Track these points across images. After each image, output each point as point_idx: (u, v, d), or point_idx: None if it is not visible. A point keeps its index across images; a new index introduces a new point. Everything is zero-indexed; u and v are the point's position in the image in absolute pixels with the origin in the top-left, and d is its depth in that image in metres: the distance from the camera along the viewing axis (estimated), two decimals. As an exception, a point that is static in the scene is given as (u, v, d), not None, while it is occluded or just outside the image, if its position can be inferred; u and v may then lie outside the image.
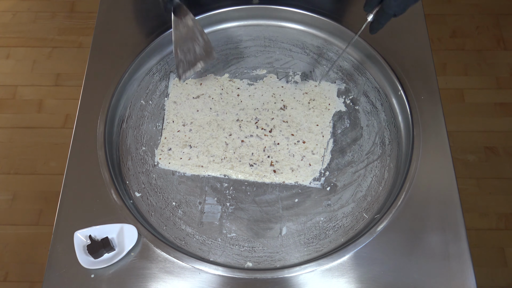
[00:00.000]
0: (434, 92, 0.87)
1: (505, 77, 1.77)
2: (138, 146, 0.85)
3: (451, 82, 1.76)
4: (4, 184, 1.61)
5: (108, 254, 0.73)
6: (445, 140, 0.82)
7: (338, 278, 0.72)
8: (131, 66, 0.90)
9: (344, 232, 0.77)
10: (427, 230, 0.75)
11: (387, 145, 0.84)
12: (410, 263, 0.73)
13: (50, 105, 1.75)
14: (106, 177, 0.79)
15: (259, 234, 0.77)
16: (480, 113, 1.70)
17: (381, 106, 0.88)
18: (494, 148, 1.63)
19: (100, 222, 0.75)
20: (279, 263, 0.75)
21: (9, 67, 1.83)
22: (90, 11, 1.96)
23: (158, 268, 0.73)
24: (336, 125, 0.87)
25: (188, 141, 0.85)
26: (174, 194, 0.81)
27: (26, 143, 1.68)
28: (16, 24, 1.93)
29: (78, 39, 1.90)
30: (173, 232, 0.77)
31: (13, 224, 1.54)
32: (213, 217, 0.78)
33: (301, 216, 0.78)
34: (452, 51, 1.83)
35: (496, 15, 1.90)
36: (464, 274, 0.71)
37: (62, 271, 0.73)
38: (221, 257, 0.75)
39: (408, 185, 0.78)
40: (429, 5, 1.89)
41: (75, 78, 1.80)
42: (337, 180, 0.81)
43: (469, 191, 1.56)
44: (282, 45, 0.95)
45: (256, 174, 0.82)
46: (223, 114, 0.88)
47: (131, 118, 0.88)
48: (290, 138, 0.85)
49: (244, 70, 0.93)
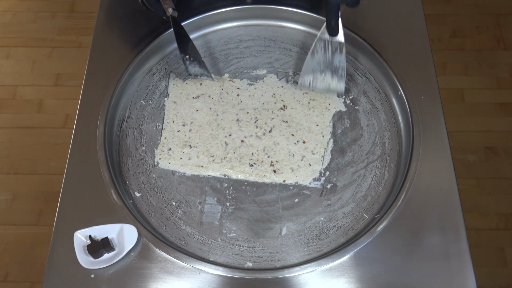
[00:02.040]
0: (434, 92, 0.87)
1: (505, 77, 1.77)
2: (138, 146, 0.85)
3: (451, 82, 1.76)
4: (4, 184, 1.61)
5: (108, 254, 0.73)
6: (445, 140, 0.82)
7: (338, 278, 0.72)
8: (131, 66, 0.90)
9: (344, 232, 0.77)
10: (427, 230, 0.75)
11: (387, 145, 0.84)
12: (410, 263, 0.73)
13: (50, 105, 1.75)
14: (106, 177, 0.79)
15: (259, 234, 0.77)
16: (480, 113, 1.70)
17: (381, 106, 0.88)
18: (494, 148, 1.63)
19: (100, 222, 0.75)
20: (279, 263, 0.75)
21: (9, 67, 1.83)
22: (90, 11, 1.96)
23: (158, 268, 0.73)
24: (336, 125, 0.87)
25: (188, 141, 0.85)
26: (174, 194, 0.81)
27: (26, 143, 1.68)
28: (16, 24, 1.93)
29: (78, 39, 1.90)
30: (173, 232, 0.77)
31: (13, 224, 1.54)
32: (213, 217, 0.78)
33: (301, 216, 0.78)
34: (452, 51, 1.83)
35: (496, 15, 1.90)
36: (464, 274, 0.71)
37: (62, 271, 0.73)
38: (221, 257, 0.75)
39: (408, 185, 0.78)
40: (429, 5, 1.89)
41: (75, 78, 1.80)
42: (337, 180, 0.81)
43: (469, 191, 1.56)
44: (282, 45, 0.95)
45: (256, 174, 0.82)
46: (223, 114, 0.88)
47: (131, 118, 0.88)
48: (290, 138, 0.85)
49: (244, 70, 0.93)
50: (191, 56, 0.88)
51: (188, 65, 0.89)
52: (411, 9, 0.97)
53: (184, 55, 0.88)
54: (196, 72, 0.90)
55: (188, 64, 0.89)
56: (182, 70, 0.93)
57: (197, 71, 0.90)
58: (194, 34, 0.96)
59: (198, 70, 0.90)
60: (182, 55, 0.88)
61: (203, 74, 0.90)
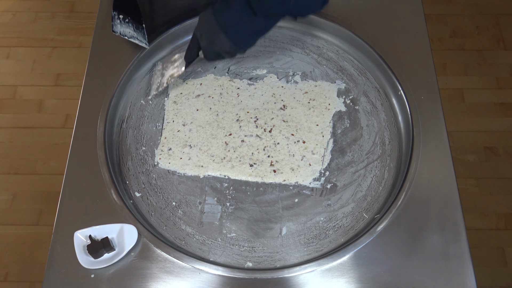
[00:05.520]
0: (434, 92, 0.87)
1: (505, 77, 1.77)
2: (138, 146, 0.85)
3: (451, 82, 1.76)
4: (4, 184, 1.61)
5: (108, 254, 0.73)
6: (445, 140, 0.82)
7: (338, 278, 0.72)
8: (131, 66, 0.90)
9: (344, 232, 0.77)
10: (427, 230, 0.75)
11: (387, 145, 0.84)
12: (410, 263, 0.73)
13: (50, 105, 1.75)
14: (106, 177, 0.79)
15: (259, 234, 0.77)
16: (480, 113, 1.70)
17: (381, 106, 0.88)
18: (494, 148, 1.63)
19: (100, 222, 0.75)
20: (279, 263, 0.75)
21: (9, 67, 1.83)
22: (90, 11, 1.96)
23: (158, 268, 0.73)
24: (336, 125, 0.87)
25: (188, 141, 0.85)
26: (174, 194, 0.81)
27: (26, 143, 1.68)
28: (16, 24, 1.93)
29: (78, 39, 1.90)
30: (173, 232, 0.77)
31: (13, 224, 1.54)
32: (213, 217, 0.78)
33: (301, 216, 0.78)
34: (452, 51, 1.83)
35: (496, 15, 1.90)
36: (464, 274, 0.71)
37: (62, 271, 0.73)
38: (221, 257, 0.75)
39: (408, 185, 0.78)
40: (429, 5, 1.89)
41: (75, 78, 1.80)
42: (337, 180, 0.81)
43: (469, 191, 1.56)
44: (282, 45, 0.95)
45: (256, 174, 0.82)
46: (223, 114, 0.88)
47: (131, 118, 0.88)
48: (290, 138, 0.85)
49: (244, 70, 0.93)
50: (128, 18, 0.83)
51: (117, 23, 0.84)
52: (411, 9, 0.97)
53: (118, 13, 0.83)
54: (125, 33, 0.85)
55: (118, 23, 0.84)
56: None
57: (128, 33, 0.85)
58: (194, 34, 0.96)
59: (129, 32, 0.85)
60: (115, 12, 0.83)
61: (134, 37, 0.85)
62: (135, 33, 0.86)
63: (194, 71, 0.93)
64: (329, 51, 0.94)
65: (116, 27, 0.86)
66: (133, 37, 0.88)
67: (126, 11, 0.84)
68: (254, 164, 0.82)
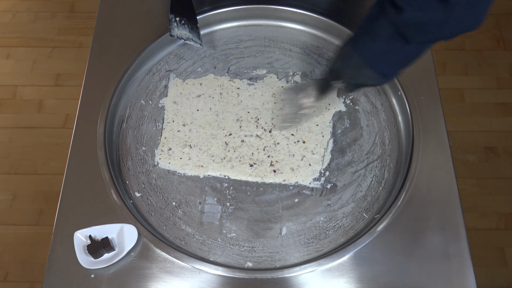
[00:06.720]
0: (434, 92, 0.87)
1: (505, 77, 1.77)
2: (138, 146, 0.85)
3: (451, 82, 1.76)
4: (4, 184, 1.61)
5: (108, 254, 0.73)
6: (445, 140, 0.82)
7: (338, 278, 0.72)
8: (131, 66, 0.90)
9: (344, 232, 0.77)
10: (427, 230, 0.75)
11: (387, 145, 0.84)
12: (410, 263, 0.73)
13: (50, 105, 1.75)
14: (106, 177, 0.79)
15: (259, 234, 0.77)
16: (480, 113, 1.70)
17: (381, 106, 0.88)
18: (494, 148, 1.63)
19: (100, 222, 0.75)
20: (279, 263, 0.75)
21: (9, 67, 1.83)
22: (90, 11, 1.95)
23: (158, 268, 0.73)
24: (336, 125, 0.87)
25: (188, 141, 0.85)
26: (174, 194, 0.81)
27: (26, 143, 1.68)
28: (16, 24, 1.93)
29: (78, 39, 1.90)
30: (173, 232, 0.77)
31: (13, 224, 1.54)
32: (213, 217, 0.78)
33: (301, 216, 0.78)
34: (452, 51, 1.83)
35: (496, 15, 1.90)
36: (464, 274, 0.71)
37: (62, 271, 0.73)
38: (221, 257, 0.75)
39: (408, 185, 0.78)
40: (429, 5, 1.88)
41: (75, 78, 1.80)
42: (337, 180, 0.81)
43: (469, 191, 1.56)
44: (282, 45, 0.95)
45: (256, 174, 0.82)
46: (223, 114, 0.88)
47: (131, 118, 0.88)
48: (290, 138, 0.85)
49: (244, 70, 0.93)
50: (184, 19, 0.85)
51: (175, 26, 0.86)
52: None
53: (175, 16, 0.84)
54: (182, 35, 0.87)
55: (176, 26, 0.86)
56: (182, 70, 0.93)
57: (184, 35, 0.87)
58: (194, 34, 0.96)
59: (185, 34, 0.86)
60: (172, 15, 0.85)
61: (190, 39, 0.86)
62: (190, 34, 0.88)
63: (194, 71, 0.93)
64: (329, 51, 0.94)
65: (174, 31, 0.88)
66: (189, 39, 0.90)
67: (182, 13, 0.86)
68: (254, 164, 0.82)
